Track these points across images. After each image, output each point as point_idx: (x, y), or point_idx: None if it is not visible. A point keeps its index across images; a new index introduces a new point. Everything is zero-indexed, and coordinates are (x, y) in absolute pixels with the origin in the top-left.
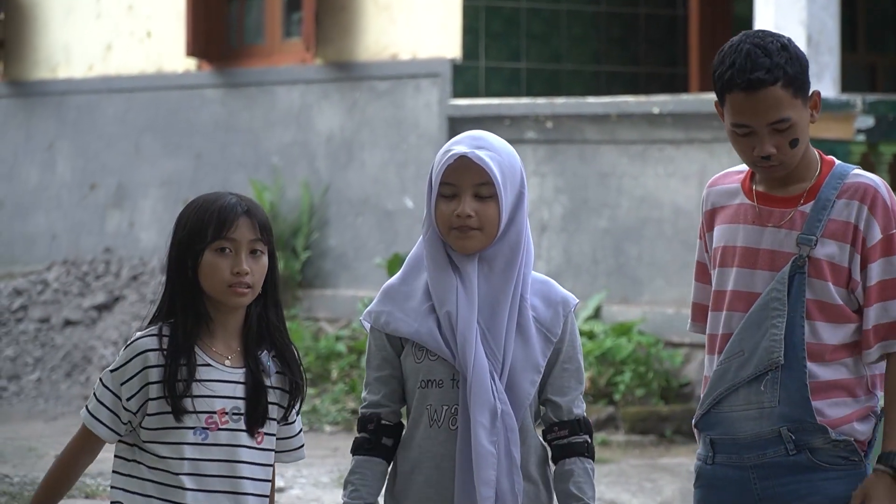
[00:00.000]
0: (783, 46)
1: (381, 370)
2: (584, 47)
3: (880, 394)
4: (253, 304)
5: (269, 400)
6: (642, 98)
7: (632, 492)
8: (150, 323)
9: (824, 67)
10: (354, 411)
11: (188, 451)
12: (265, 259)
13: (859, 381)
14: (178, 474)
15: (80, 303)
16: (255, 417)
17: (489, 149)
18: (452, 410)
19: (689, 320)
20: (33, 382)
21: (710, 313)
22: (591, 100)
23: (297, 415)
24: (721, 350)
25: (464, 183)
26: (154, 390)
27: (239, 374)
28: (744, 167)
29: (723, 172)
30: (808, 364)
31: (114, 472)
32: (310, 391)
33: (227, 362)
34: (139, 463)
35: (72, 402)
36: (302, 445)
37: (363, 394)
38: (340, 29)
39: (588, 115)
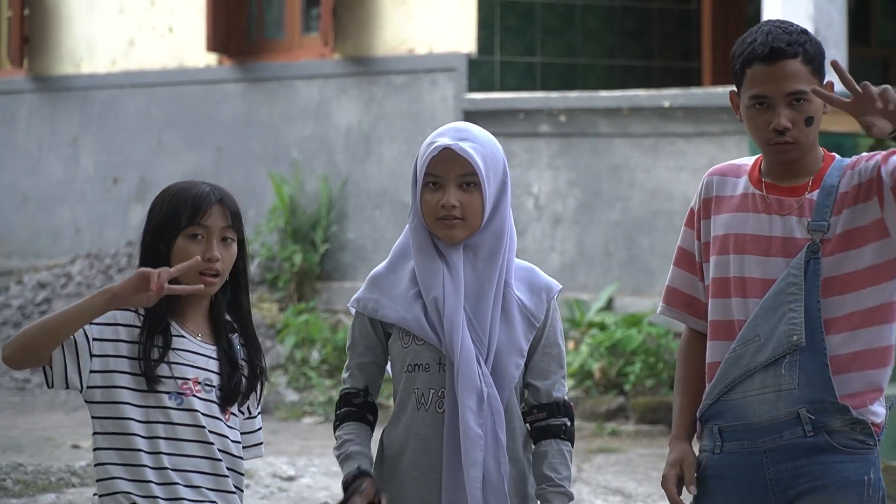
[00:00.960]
0: (803, 31)
1: (364, 356)
2: (598, 41)
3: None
4: (222, 289)
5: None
6: (653, 92)
7: (638, 480)
8: None
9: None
10: None
11: (162, 415)
12: (234, 247)
13: (885, 351)
14: (153, 438)
15: None
16: (228, 393)
17: (472, 140)
18: (439, 394)
19: (661, 303)
20: None
21: (711, 300)
22: (604, 94)
23: (258, 408)
24: (729, 336)
25: (448, 174)
26: (126, 353)
27: (211, 350)
28: (748, 159)
29: (726, 163)
30: (829, 337)
31: (95, 449)
32: (326, 382)
33: (199, 338)
34: (115, 434)
35: None
36: (261, 443)
37: (344, 376)
38: (358, 24)
39: (600, 109)
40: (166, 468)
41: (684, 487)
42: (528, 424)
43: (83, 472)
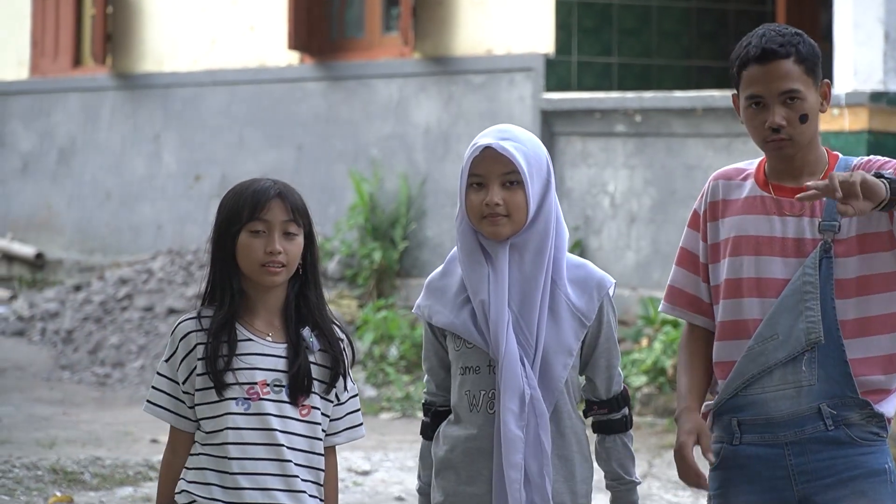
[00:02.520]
0: (797, 33)
1: (431, 361)
2: (674, 42)
3: None
4: (291, 284)
5: (313, 375)
6: (727, 92)
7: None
8: (201, 302)
9: None
10: None
11: (231, 421)
12: (300, 240)
13: (893, 357)
14: (222, 444)
15: (183, 292)
16: (296, 388)
17: (514, 140)
18: (490, 395)
19: (664, 301)
20: (136, 370)
21: (722, 301)
22: (678, 94)
23: (347, 392)
24: (739, 335)
25: (491, 173)
26: (200, 367)
27: (280, 348)
28: (750, 162)
29: (730, 167)
30: (850, 339)
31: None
32: (404, 378)
33: (269, 338)
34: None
35: None
36: (358, 425)
37: (425, 378)
38: (437, 24)
39: (675, 109)
40: (234, 473)
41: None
42: (588, 417)
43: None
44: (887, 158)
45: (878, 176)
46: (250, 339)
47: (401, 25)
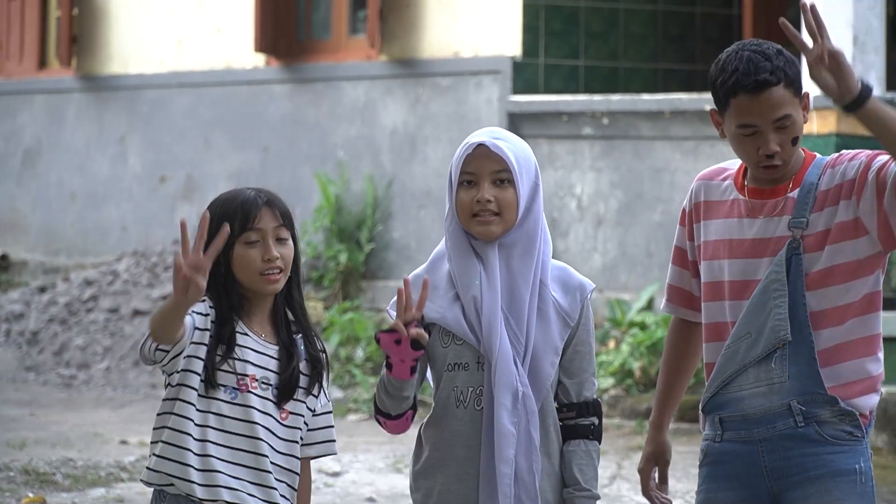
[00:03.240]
0: (779, 51)
1: None
2: (641, 45)
3: (879, 364)
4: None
5: (299, 383)
6: (695, 95)
7: (677, 478)
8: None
9: (870, 66)
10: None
11: (215, 407)
12: (291, 244)
13: (871, 340)
14: (203, 426)
15: (148, 293)
16: (285, 392)
17: (505, 139)
18: (478, 392)
19: (664, 300)
20: (102, 371)
21: (704, 304)
22: (646, 97)
23: (322, 406)
24: (723, 337)
25: (482, 170)
26: (201, 351)
27: (273, 349)
28: (733, 163)
29: (714, 167)
30: (816, 332)
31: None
32: (370, 380)
33: (263, 338)
34: (174, 414)
35: (139, 390)
36: (332, 440)
37: None
38: (404, 26)
39: (642, 112)
40: (210, 456)
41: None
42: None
43: (132, 467)
44: (857, 150)
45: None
46: (248, 335)
47: (368, 28)
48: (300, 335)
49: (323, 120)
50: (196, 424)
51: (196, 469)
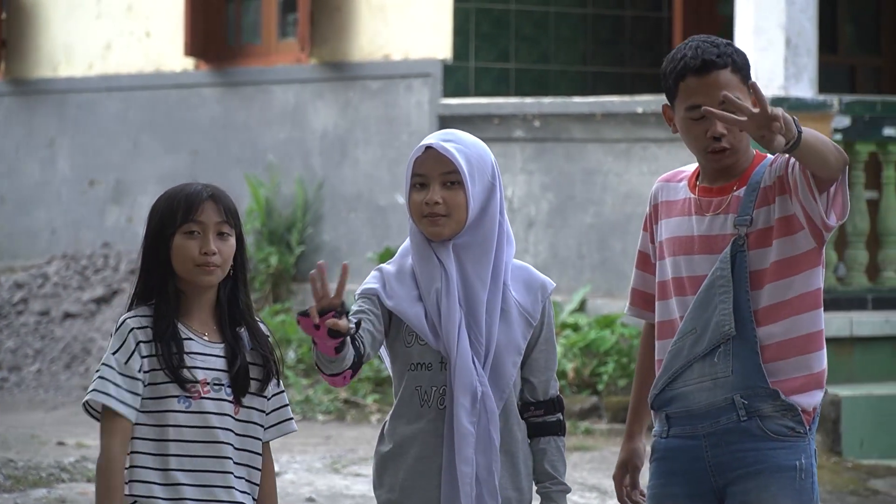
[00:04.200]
0: (728, 43)
1: (372, 312)
2: (571, 48)
3: (822, 363)
4: (223, 285)
5: (251, 376)
6: (626, 98)
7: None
8: (130, 307)
9: (802, 69)
10: (347, 401)
11: (171, 419)
12: (233, 241)
13: (807, 339)
14: (162, 441)
15: (79, 296)
16: (238, 387)
17: (456, 142)
18: (441, 391)
19: (627, 304)
20: (34, 373)
21: (657, 302)
22: (578, 99)
23: (279, 387)
24: (672, 334)
25: (432, 172)
26: (146, 364)
27: (218, 348)
28: (690, 166)
29: (674, 170)
30: (760, 328)
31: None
32: (303, 381)
33: (206, 337)
34: (134, 438)
35: (71, 392)
36: (288, 419)
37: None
38: (335, 30)
39: (574, 115)
40: (171, 470)
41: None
42: (523, 419)
43: (72, 468)
44: None
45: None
46: (190, 339)
47: (298, 31)
48: (244, 328)
49: (253, 123)
50: (152, 440)
51: (159, 484)
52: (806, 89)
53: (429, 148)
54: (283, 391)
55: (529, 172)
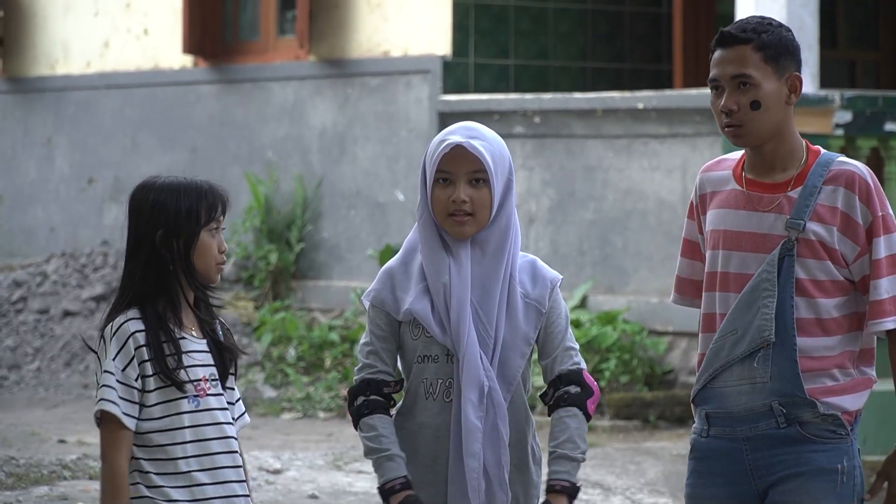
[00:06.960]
0: (770, 22)
1: (385, 342)
2: (570, 44)
3: (869, 370)
4: None
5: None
6: (627, 94)
7: (616, 474)
8: (115, 307)
9: (803, 64)
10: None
11: (186, 420)
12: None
13: (850, 354)
14: (173, 444)
15: (78, 294)
16: (224, 378)
17: (482, 139)
18: (447, 384)
19: (674, 293)
20: (33, 372)
21: (704, 294)
22: (578, 95)
23: (235, 380)
24: (714, 329)
25: (459, 170)
26: (149, 367)
27: (203, 343)
28: (734, 155)
29: (716, 159)
30: (801, 339)
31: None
32: (304, 379)
33: (194, 333)
34: (139, 446)
35: (71, 390)
36: (244, 413)
37: (364, 361)
38: (333, 26)
39: (574, 111)
40: (192, 471)
41: (661, 472)
42: (548, 401)
43: (74, 466)
44: (856, 165)
45: None
46: (184, 338)
47: (296, 28)
48: (218, 322)
49: (251, 120)
50: (168, 445)
51: (178, 487)
52: (807, 84)
53: (457, 145)
54: (233, 386)
55: (530, 169)
